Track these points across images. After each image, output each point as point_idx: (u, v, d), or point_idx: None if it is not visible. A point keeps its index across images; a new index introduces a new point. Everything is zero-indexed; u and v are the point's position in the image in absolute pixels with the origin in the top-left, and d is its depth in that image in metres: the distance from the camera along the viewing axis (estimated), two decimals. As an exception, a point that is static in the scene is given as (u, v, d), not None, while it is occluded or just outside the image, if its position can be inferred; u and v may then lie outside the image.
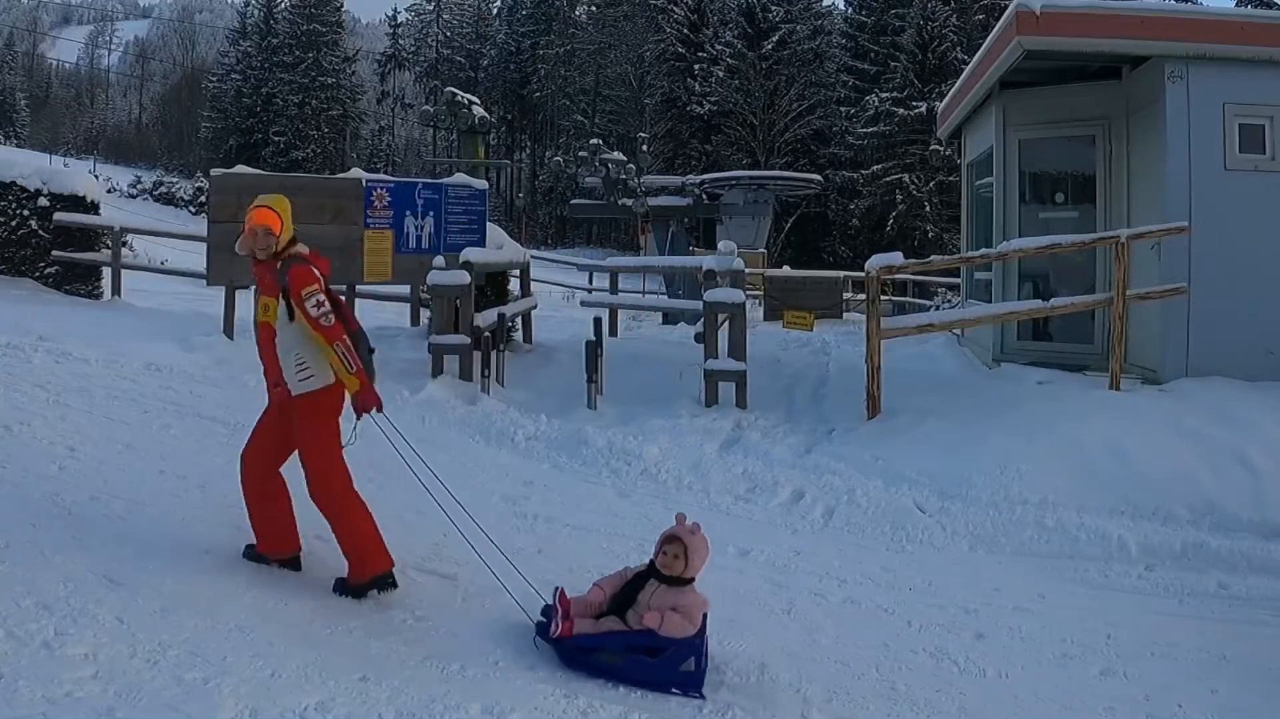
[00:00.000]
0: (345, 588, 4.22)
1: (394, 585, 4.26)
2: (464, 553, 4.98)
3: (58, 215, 11.53)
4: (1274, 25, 7.84)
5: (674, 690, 3.75)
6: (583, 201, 23.63)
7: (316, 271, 4.14)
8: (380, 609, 4.20)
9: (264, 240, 4.09)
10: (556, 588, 4.03)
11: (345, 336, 4.08)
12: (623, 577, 4.01)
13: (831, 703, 3.85)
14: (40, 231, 11.47)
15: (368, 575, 4.20)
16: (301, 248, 4.18)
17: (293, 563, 4.41)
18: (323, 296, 4.06)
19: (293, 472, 4.35)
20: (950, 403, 7.55)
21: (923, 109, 35.70)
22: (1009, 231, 9.14)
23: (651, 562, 3.95)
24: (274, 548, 4.37)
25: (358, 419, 4.22)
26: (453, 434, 7.36)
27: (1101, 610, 4.85)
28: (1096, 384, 7.48)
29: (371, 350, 4.30)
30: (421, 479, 4.46)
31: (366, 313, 11.20)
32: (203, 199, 35.46)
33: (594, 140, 23.30)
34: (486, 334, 8.80)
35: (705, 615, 3.93)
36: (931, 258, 10.63)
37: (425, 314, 10.98)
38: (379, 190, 9.89)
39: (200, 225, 17.70)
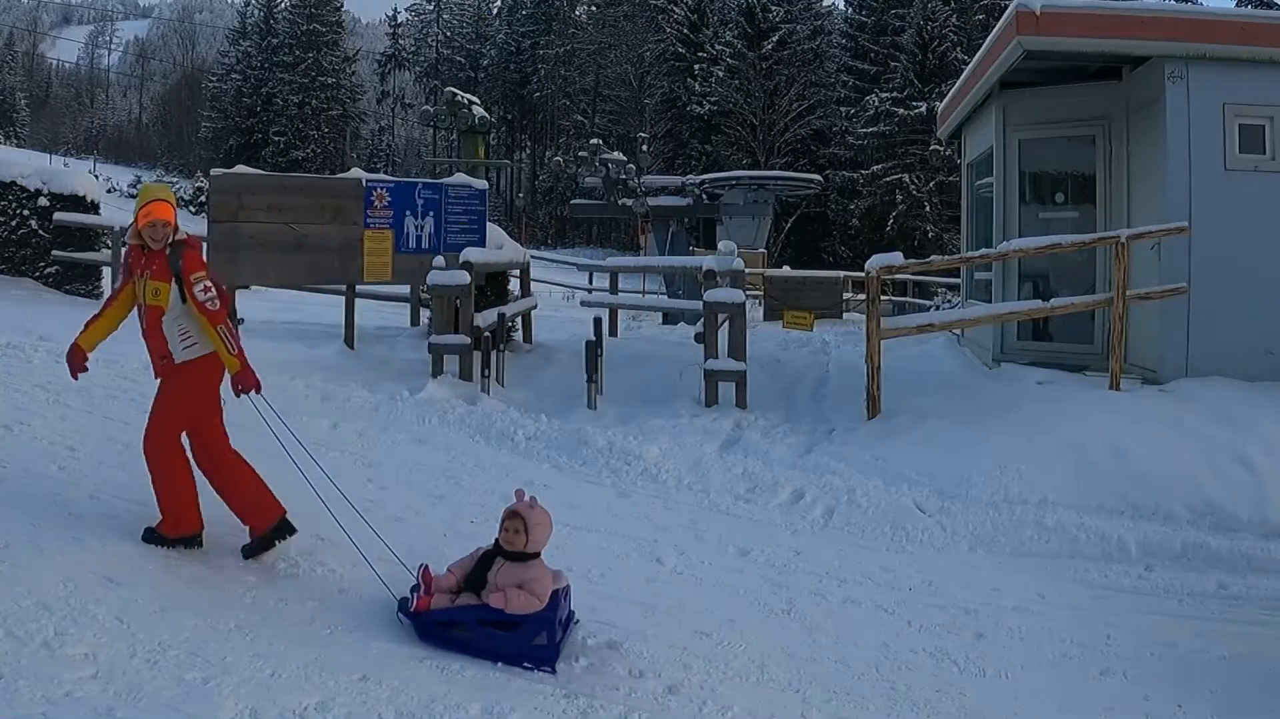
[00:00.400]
0: (153, 536, 4.40)
1: (199, 545, 4.44)
2: (464, 552, 4.99)
3: (58, 215, 11.54)
4: (1274, 25, 7.84)
5: (526, 665, 3.79)
6: (583, 201, 23.65)
7: (204, 258, 4.48)
8: (380, 610, 4.20)
9: (163, 232, 4.38)
10: (421, 564, 4.11)
11: (228, 319, 4.39)
12: (474, 557, 4.08)
13: (831, 703, 3.85)
14: (40, 231, 11.48)
15: (175, 533, 4.39)
16: (183, 234, 4.48)
17: (286, 527, 4.49)
18: (209, 282, 4.36)
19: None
20: (950, 403, 7.55)
21: (923, 109, 35.69)
22: (1009, 231, 9.13)
23: (498, 540, 4.03)
24: (264, 518, 4.46)
25: (236, 397, 4.43)
26: (453, 434, 7.36)
27: (1101, 610, 4.85)
28: (1096, 384, 7.48)
29: (240, 321, 4.68)
30: (302, 462, 4.53)
31: (367, 312, 11.22)
32: (203, 199, 35.46)
33: (594, 140, 23.30)
34: (486, 334, 8.80)
35: (563, 590, 4.03)
36: (931, 258, 10.64)
37: (425, 314, 10.98)
38: (379, 190, 9.89)
39: (200, 225, 17.70)
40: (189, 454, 4.49)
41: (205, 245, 9.46)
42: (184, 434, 4.47)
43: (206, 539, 4.53)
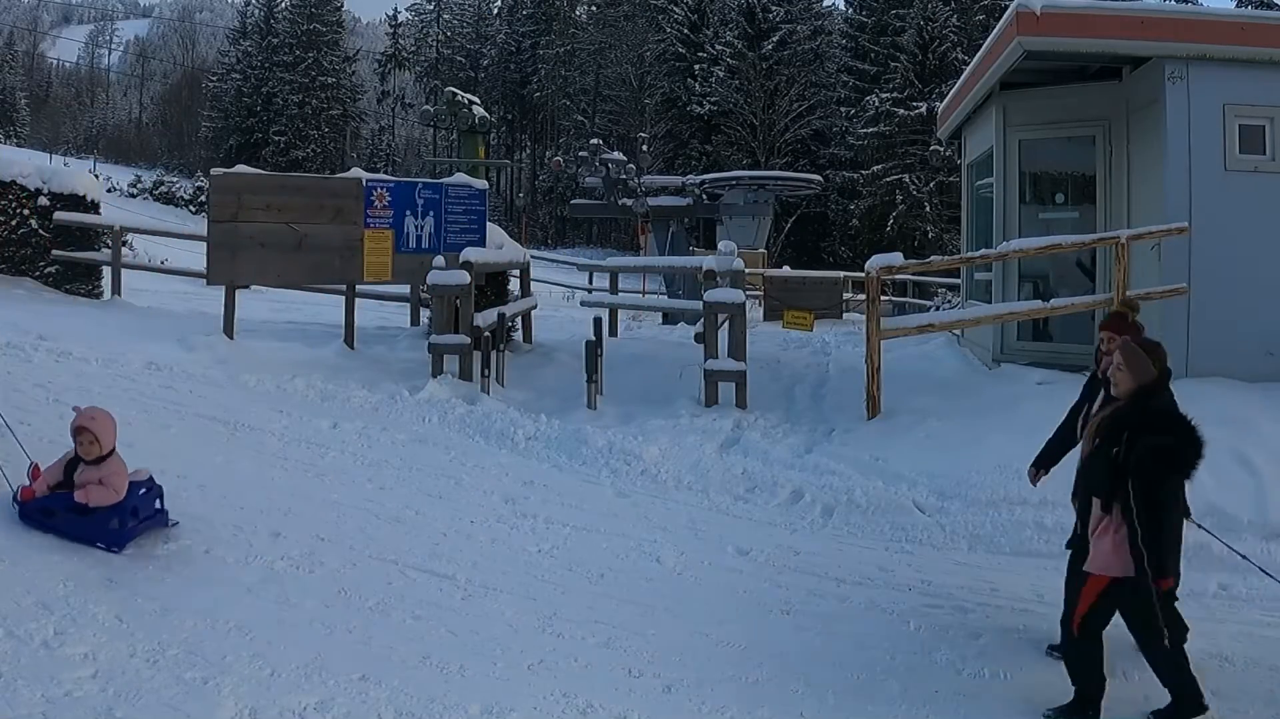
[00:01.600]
0: None
1: None
2: (464, 552, 4.99)
3: (58, 214, 11.53)
4: (1274, 25, 7.84)
5: (99, 544, 4.26)
6: (583, 201, 23.64)
7: None
8: (380, 609, 4.21)
9: None
10: (31, 463, 4.50)
11: None
12: (61, 465, 4.50)
13: (829, 702, 3.86)
14: (40, 231, 11.46)
15: None
16: None
17: None
18: None
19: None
20: (950, 403, 7.55)
21: (923, 109, 35.69)
22: (1009, 232, 9.13)
23: (77, 451, 4.47)
24: None
25: None
26: (453, 434, 7.36)
27: (1101, 611, 4.84)
28: (1096, 384, 7.47)
29: None
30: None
31: (367, 312, 11.22)
32: (203, 199, 35.46)
33: (594, 140, 23.29)
34: (486, 334, 8.80)
35: (144, 484, 4.50)
36: (931, 258, 10.64)
37: (425, 314, 10.98)
38: (379, 190, 9.89)
39: (200, 225, 17.68)
40: None
41: (207, 245, 9.51)
42: None
43: (207, 540, 4.53)
